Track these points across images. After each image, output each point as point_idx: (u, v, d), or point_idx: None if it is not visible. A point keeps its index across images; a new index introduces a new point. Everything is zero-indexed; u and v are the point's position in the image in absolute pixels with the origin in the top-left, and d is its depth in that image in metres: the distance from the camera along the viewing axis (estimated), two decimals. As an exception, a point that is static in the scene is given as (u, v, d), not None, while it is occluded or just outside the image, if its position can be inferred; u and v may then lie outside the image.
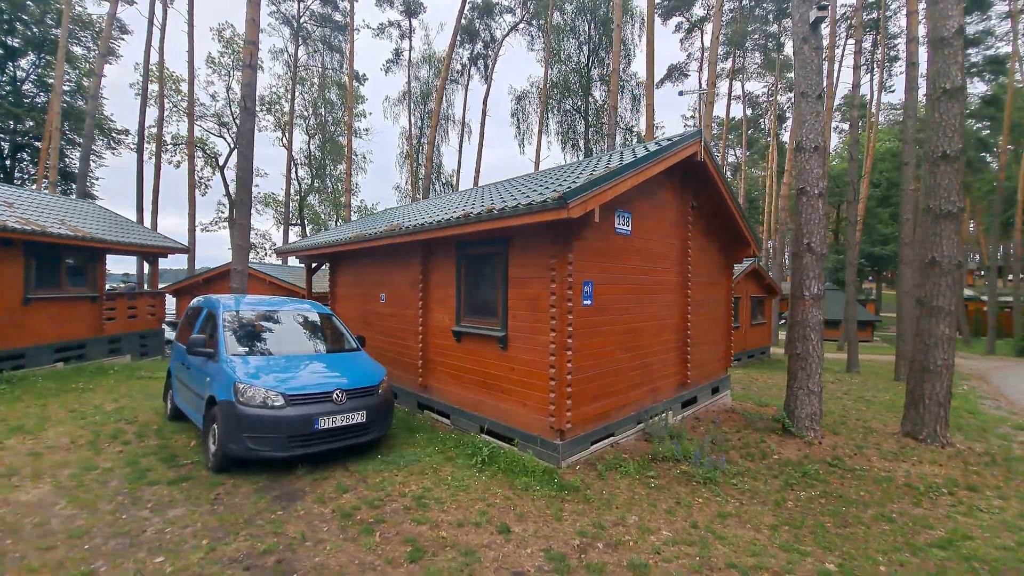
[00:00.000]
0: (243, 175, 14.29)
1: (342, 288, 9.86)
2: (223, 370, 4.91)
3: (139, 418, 6.82)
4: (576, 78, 28.18)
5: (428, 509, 3.93)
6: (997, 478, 5.08)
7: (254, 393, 4.58)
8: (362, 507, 3.94)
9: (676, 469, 5.10)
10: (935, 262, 6.40)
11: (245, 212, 14.41)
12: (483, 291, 6.34)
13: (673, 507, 4.18)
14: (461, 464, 5.04)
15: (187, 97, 22.07)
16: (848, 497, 4.54)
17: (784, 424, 6.51)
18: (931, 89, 6.56)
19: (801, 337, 6.57)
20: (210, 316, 6.06)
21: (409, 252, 7.58)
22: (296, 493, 4.23)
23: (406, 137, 33.40)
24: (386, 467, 4.91)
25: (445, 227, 5.91)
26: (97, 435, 5.88)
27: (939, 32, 6.42)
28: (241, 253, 14.36)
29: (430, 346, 7.15)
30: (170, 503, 3.96)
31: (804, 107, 6.73)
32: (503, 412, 5.84)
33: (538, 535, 3.57)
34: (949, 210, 6.32)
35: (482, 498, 4.19)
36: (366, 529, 3.55)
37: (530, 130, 29.26)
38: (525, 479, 4.57)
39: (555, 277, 5.12)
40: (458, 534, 3.53)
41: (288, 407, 4.59)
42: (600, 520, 3.86)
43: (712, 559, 3.32)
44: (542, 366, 5.32)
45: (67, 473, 4.58)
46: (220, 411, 4.62)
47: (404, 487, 4.40)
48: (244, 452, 4.47)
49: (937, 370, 6.34)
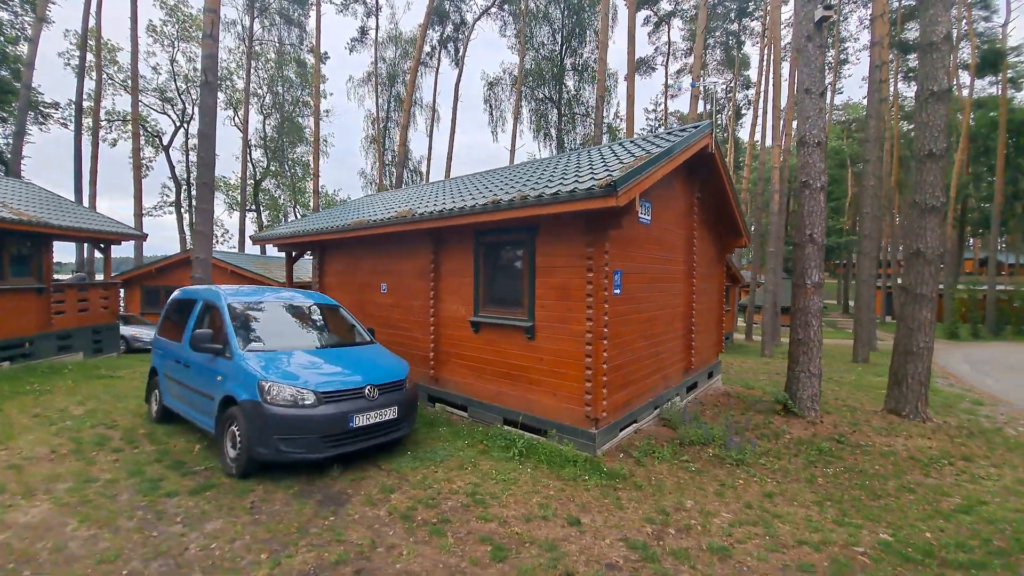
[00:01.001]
0: (205, 156, 13.21)
1: (332, 278, 9.34)
2: (241, 367, 4.50)
3: (118, 422, 6.18)
4: (549, 66, 28.03)
5: (487, 505, 3.82)
6: (982, 449, 5.63)
7: (282, 391, 4.24)
8: (418, 507, 3.76)
9: (705, 452, 5.26)
10: (920, 252, 6.92)
11: (208, 196, 13.36)
12: (505, 280, 6.20)
13: (720, 489, 4.30)
14: (498, 457, 4.93)
15: (131, 68, 19.87)
16: (867, 471, 4.87)
17: (786, 405, 6.88)
18: (919, 91, 7.02)
19: (803, 323, 6.94)
20: (210, 308, 5.54)
21: (416, 240, 7.27)
22: (339, 496, 3.97)
23: (372, 120, 32.03)
24: (421, 463, 4.72)
25: (469, 214, 5.68)
26: (79, 443, 5.26)
27: (928, 37, 6.86)
28: (203, 240, 13.32)
29: (443, 337, 6.93)
30: (202, 515, 3.60)
31: (808, 103, 7.01)
32: (529, 403, 5.76)
33: (609, 525, 3.56)
34: (934, 205, 6.84)
35: (535, 491, 4.12)
36: (435, 530, 3.38)
37: (503, 117, 28.90)
38: (571, 469, 4.54)
39: (592, 266, 5.07)
40: (530, 529, 3.45)
41: (321, 405, 4.28)
42: (660, 506, 3.90)
43: (780, 537, 3.45)
44: (575, 355, 5.28)
45: (63, 488, 4.06)
46: (244, 412, 4.24)
47: (450, 484, 4.24)
48: (275, 455, 4.14)
49: (919, 352, 6.90)
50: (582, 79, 28.12)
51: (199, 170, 13.27)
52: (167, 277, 16.90)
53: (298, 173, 32.76)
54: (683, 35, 40.41)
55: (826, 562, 3.16)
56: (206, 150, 13.29)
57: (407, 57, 31.72)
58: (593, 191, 4.46)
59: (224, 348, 4.84)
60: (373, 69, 30.12)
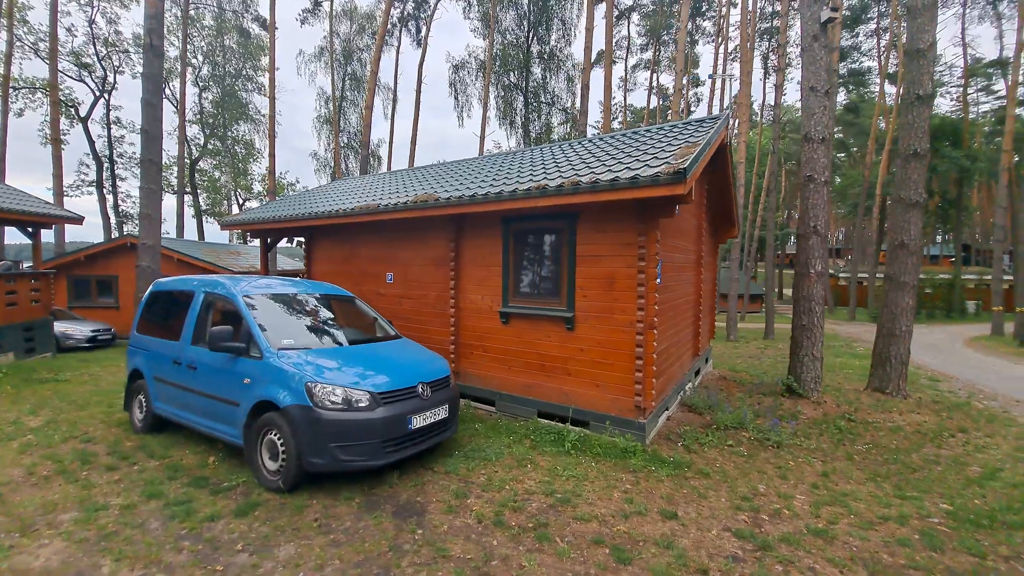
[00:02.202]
0: (151, 129, 11.77)
1: (323, 266, 8.61)
2: (277, 368, 3.97)
3: (92, 433, 5.34)
4: (515, 53, 27.56)
5: (573, 504, 3.66)
6: (966, 421, 6.28)
7: (335, 394, 3.79)
8: (505, 512, 3.52)
9: (742, 436, 5.43)
10: (903, 244, 7.54)
11: (155, 174, 11.93)
12: (539, 270, 5.98)
13: (781, 472, 4.44)
14: (551, 452, 4.78)
15: (49, 28, 16.88)
16: (888, 446, 5.26)
17: (791, 387, 7.29)
18: (905, 94, 7.59)
19: (807, 310, 7.35)
20: (215, 302, 4.86)
21: (433, 227, 6.84)
22: (412, 506, 3.63)
23: (325, 99, 30.01)
24: (476, 463, 4.47)
25: (508, 200, 5.39)
26: (58, 461, 4.45)
27: (915, 44, 7.40)
28: (151, 225, 11.92)
29: (465, 329, 6.60)
30: (265, 540, 3.13)
31: (813, 101, 7.35)
32: (566, 395, 5.64)
33: (704, 515, 3.54)
34: (917, 200, 7.46)
35: (611, 485, 4.02)
36: (540, 536, 3.18)
37: (469, 103, 28.09)
38: (636, 461, 4.49)
39: (645, 255, 5.00)
40: (632, 526, 3.34)
41: (379, 407, 3.89)
42: (738, 493, 3.95)
43: (863, 515, 3.61)
44: (622, 345, 5.22)
45: (69, 519, 3.38)
46: (290, 419, 3.75)
47: (520, 483, 4.04)
48: (331, 465, 3.70)
49: (901, 335, 7.57)
50: (548, 68, 27.94)
51: (144, 145, 11.71)
52: (99, 266, 14.84)
53: (239, 153, 30.05)
54: (638, 31, 41.35)
55: (916, 535, 3.34)
56: (151, 122, 11.75)
57: (363, 33, 29.90)
58: (659, 178, 4.35)
59: (248, 347, 4.26)
60: (327, 44, 28.10)
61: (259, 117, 29.46)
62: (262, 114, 29.62)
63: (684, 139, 5.67)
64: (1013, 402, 7.65)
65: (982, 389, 8.66)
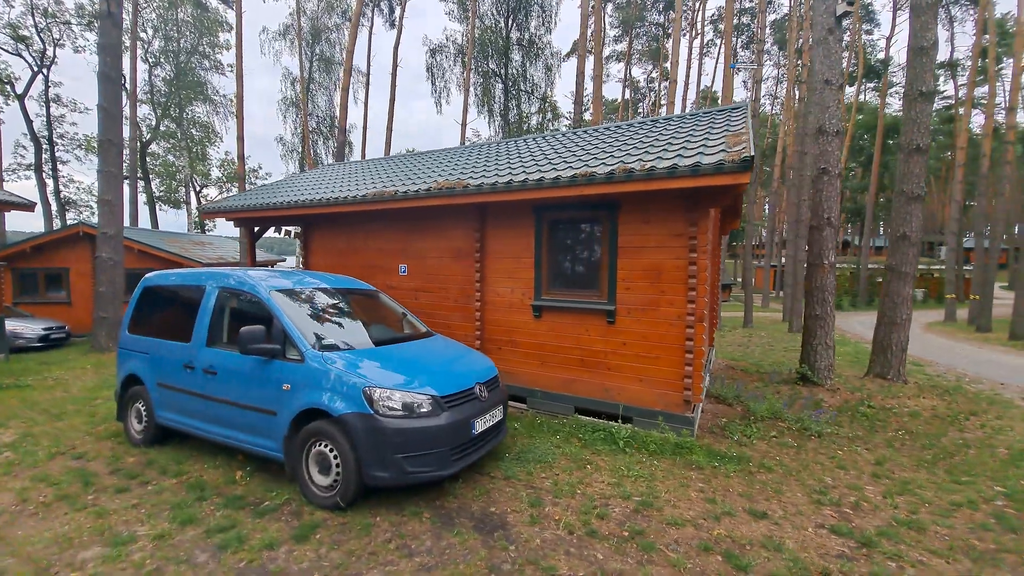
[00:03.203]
0: (109, 106, 10.70)
1: (324, 257, 8.01)
2: (324, 372, 3.56)
3: (84, 448, 4.72)
4: (494, 38, 26.90)
5: (657, 507, 3.49)
6: (971, 405, 6.62)
7: (395, 399, 3.43)
8: (591, 520, 3.31)
9: (781, 426, 5.46)
10: (905, 236, 7.83)
11: (115, 156, 10.86)
12: (576, 261, 5.76)
13: (840, 462, 4.47)
14: (606, 451, 4.60)
15: None
16: (917, 432, 5.43)
17: (806, 375, 7.47)
18: (908, 91, 7.82)
19: (820, 300, 7.52)
20: (240, 299, 4.34)
21: (455, 216, 6.46)
22: (489, 518, 3.35)
23: (292, 80, 28.30)
24: (533, 466, 4.22)
25: (548, 187, 5.10)
26: (54, 484, 3.86)
27: (919, 42, 7.62)
28: (112, 212, 10.89)
29: (491, 323, 6.30)
30: (343, 568, 2.76)
31: (827, 94, 7.45)
32: (607, 390, 5.48)
33: (791, 513, 3.47)
34: (919, 194, 7.75)
35: (684, 484, 3.89)
36: (643, 545, 2.98)
37: (447, 88, 27.22)
38: (696, 457, 4.38)
39: (696, 246, 4.87)
40: (729, 529, 3.21)
41: (443, 412, 3.56)
42: (809, 486, 3.92)
43: (935, 502, 3.66)
44: (669, 339, 5.10)
45: (94, 556, 2.88)
46: (348, 429, 3.36)
47: (588, 487, 3.83)
48: (398, 478, 3.35)
49: (902, 323, 7.89)
50: (528, 56, 27.48)
51: (103, 124, 10.58)
52: (48, 257, 13.32)
53: (194, 135, 27.90)
54: (611, 22, 41.39)
55: (991, 519, 3.40)
56: (111, 98, 10.62)
57: (332, 12, 28.30)
58: (724, 166, 4.20)
59: (284, 348, 3.80)
60: (293, 22, 26.43)
61: (218, 98, 27.44)
62: (221, 94, 27.61)
63: (722, 127, 5.56)
64: (999, 385, 8.18)
65: (964, 373, 9.24)
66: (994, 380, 8.57)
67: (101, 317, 10.58)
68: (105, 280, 10.70)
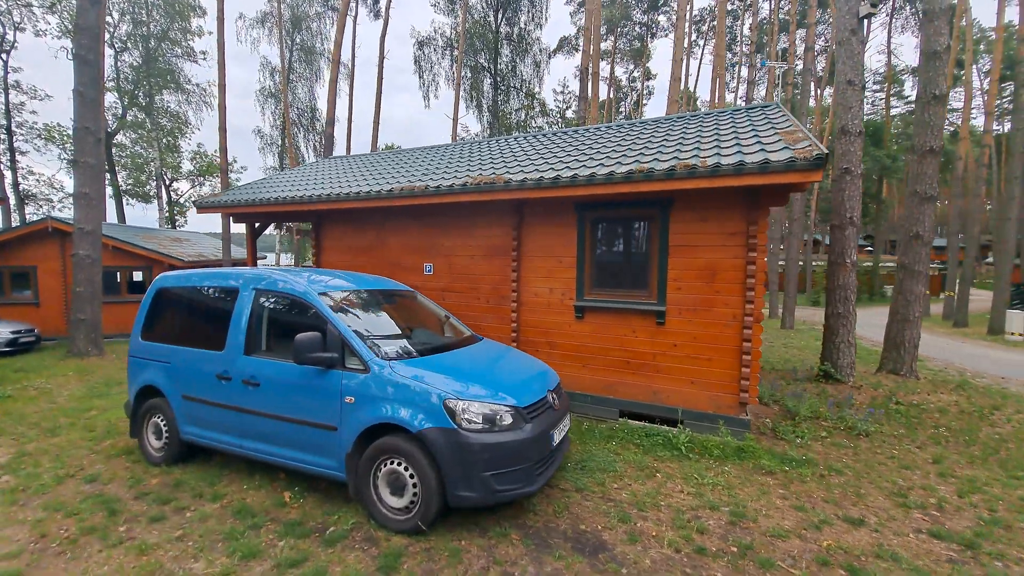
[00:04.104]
0: (86, 91, 9.87)
1: (337, 255, 7.56)
2: (395, 383, 3.25)
3: (93, 469, 4.28)
4: (481, 32, 26.47)
5: (751, 518, 3.35)
6: (988, 399, 6.82)
7: (470, 411, 3.15)
8: (692, 535, 3.13)
9: (825, 426, 5.45)
10: (918, 236, 8.03)
11: (94, 146, 10.07)
12: (622, 260, 5.58)
13: (899, 462, 4.45)
14: (669, 457, 4.46)
15: None
16: (951, 427, 5.53)
17: (829, 373, 7.55)
18: (921, 94, 7.99)
19: (843, 299, 7.61)
20: (282, 302, 3.96)
21: (486, 213, 6.18)
22: (583, 537, 3.13)
23: (270, 71, 27.16)
24: (600, 475, 4.04)
25: (600, 183, 4.89)
26: (74, 514, 3.42)
27: (932, 47, 7.79)
28: (90, 206, 10.12)
29: (528, 325, 6.06)
30: (447, 601, 2.49)
31: (850, 95, 7.52)
32: (655, 393, 5.34)
33: (883, 518, 3.40)
34: (931, 194, 7.94)
35: (764, 491, 3.78)
36: (761, 562, 2.83)
37: (436, 82, 26.62)
38: (766, 462, 4.28)
39: (756, 245, 4.76)
40: (834, 538, 3.10)
41: (526, 423, 3.31)
42: (885, 489, 3.88)
43: (1008, 499, 3.69)
44: (724, 340, 4.98)
45: (157, 602, 2.50)
46: (432, 445, 3.06)
47: (669, 498, 3.67)
48: (485, 498, 3.08)
49: (915, 320, 8.09)
50: (517, 50, 27.19)
51: (79, 110, 9.74)
52: (13, 255, 12.19)
53: (163, 126, 26.32)
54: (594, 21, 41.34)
55: (1074, 518, 3.43)
56: (88, 82, 9.81)
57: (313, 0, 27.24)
58: (795, 163, 4.09)
59: (343, 357, 3.46)
60: (272, 9, 25.31)
61: (190, 87, 25.98)
62: (194, 83, 26.15)
63: (765, 125, 5.47)
64: (1000, 379, 8.51)
65: (964, 368, 9.60)
66: (994, 374, 8.93)
67: (79, 319, 9.74)
68: (83, 279, 9.85)
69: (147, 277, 14.40)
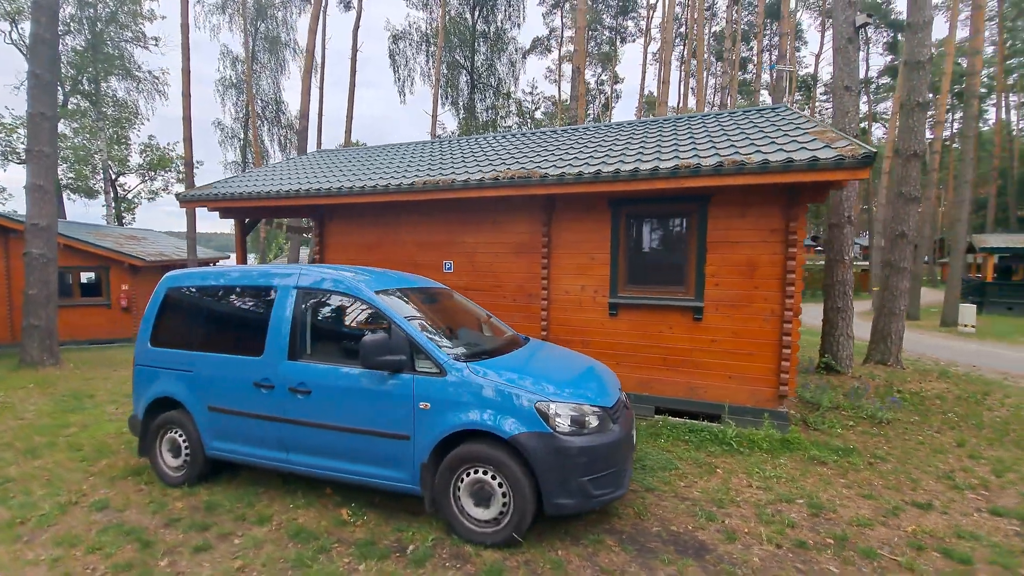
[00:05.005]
0: (42, 73, 8.82)
1: (343, 252, 7.13)
2: (478, 385, 3.03)
3: (102, 496, 3.83)
4: (460, 28, 26.10)
5: (829, 509, 3.38)
6: (976, 386, 7.34)
7: (566, 413, 2.99)
8: (784, 529, 3.10)
9: (847, 415, 5.65)
10: (903, 234, 8.55)
11: (48, 134, 9.13)
12: (658, 256, 5.57)
13: (929, 448, 4.67)
14: (721, 452, 4.47)
15: None
16: (957, 412, 5.89)
17: (829, 365, 7.90)
18: (906, 102, 8.53)
19: (841, 294, 7.98)
20: (331, 302, 3.63)
21: (513, 209, 6.00)
22: (680, 539, 3.03)
23: (232, 59, 25.64)
24: (664, 473, 4.00)
25: (644, 179, 4.83)
26: (98, 550, 2.99)
27: (915, 57, 8.32)
28: (44, 199, 9.15)
29: (558, 323, 5.93)
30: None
31: (847, 100, 7.90)
32: (693, 388, 5.36)
33: (945, 500, 3.53)
34: (915, 196, 8.49)
35: (827, 481, 3.85)
36: (865, 552, 2.82)
37: (411, 77, 25.96)
38: (814, 452, 4.37)
39: (796, 240, 4.85)
40: (910, 523, 3.17)
41: (613, 424, 3.17)
42: (931, 473, 4.05)
43: (1054, 483, 3.91)
44: (762, 334, 5.06)
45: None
46: (527, 450, 2.86)
47: (739, 493, 3.65)
48: (582, 504, 2.92)
49: (900, 314, 8.62)
50: (494, 48, 27.00)
51: (34, 95, 8.81)
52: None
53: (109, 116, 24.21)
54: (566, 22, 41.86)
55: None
56: (46, 64, 8.81)
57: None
58: (843, 161, 4.19)
59: (411, 360, 3.20)
60: (238, -7, 23.88)
61: (141, 74, 24.05)
62: (145, 70, 24.20)
63: (790, 125, 5.60)
64: (973, 367, 9.21)
65: (936, 358, 10.34)
66: (965, 363, 9.67)
67: (32, 325, 8.69)
68: (36, 280, 8.81)
69: (103, 278, 13.14)
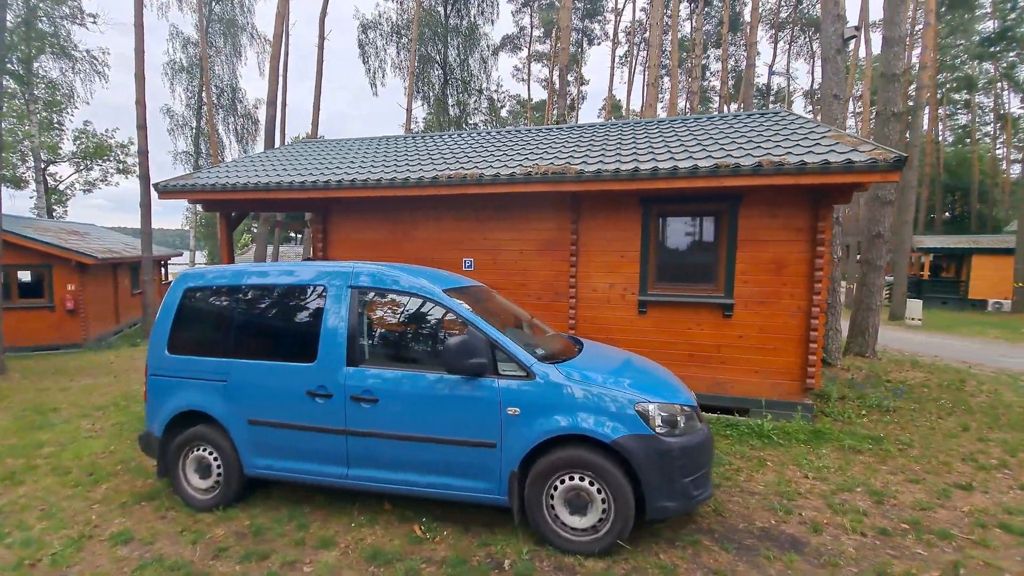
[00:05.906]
0: None
1: (348, 250, 6.72)
2: (571, 389, 2.91)
3: (119, 527, 3.40)
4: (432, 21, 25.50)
5: (887, 495, 3.54)
6: (950, 375, 8.00)
7: (662, 413, 2.92)
8: (860, 518, 3.20)
9: (854, 405, 5.98)
10: (879, 235, 9.21)
11: None
12: (689, 254, 5.65)
13: (939, 432, 5.02)
14: (762, 445, 4.59)
15: None
16: (946, 399, 6.39)
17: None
18: (882, 111, 9.20)
19: (830, 290, 8.46)
20: (392, 302, 3.37)
21: (539, 206, 5.88)
22: (769, 533, 3.05)
23: (184, 42, 23.75)
24: (723, 469, 4.03)
25: (685, 176, 4.87)
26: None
27: (891, 69, 8.98)
28: None
29: (585, 321, 5.88)
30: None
31: (836, 107, 8.38)
32: (719, 383, 5.49)
33: (981, 480, 3.78)
34: (890, 199, 9.17)
35: (872, 469, 4.03)
36: (941, 534, 2.96)
37: (382, 69, 25.05)
38: (848, 442, 4.57)
39: (822, 240, 5.06)
40: (962, 506, 3.38)
41: (700, 422, 3.15)
42: (956, 456, 4.34)
43: (1057, 460, 4.30)
44: (789, 330, 5.25)
45: None
46: (631, 454, 2.76)
47: (799, 484, 3.75)
48: (682, 506, 2.87)
49: (876, 309, 9.29)
50: (467, 43, 26.60)
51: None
52: None
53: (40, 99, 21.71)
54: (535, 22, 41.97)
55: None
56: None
57: (236, -38, 24.23)
58: (876, 164, 4.41)
59: (495, 363, 3.03)
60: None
61: (78, 53, 21.74)
62: (81, 49, 21.87)
63: (802, 129, 5.84)
64: (936, 357, 10.07)
65: (900, 349, 11.22)
66: (928, 353, 10.55)
67: (-28, 333, 7.60)
68: (-25, 281, 7.71)
69: (45, 278, 11.75)
